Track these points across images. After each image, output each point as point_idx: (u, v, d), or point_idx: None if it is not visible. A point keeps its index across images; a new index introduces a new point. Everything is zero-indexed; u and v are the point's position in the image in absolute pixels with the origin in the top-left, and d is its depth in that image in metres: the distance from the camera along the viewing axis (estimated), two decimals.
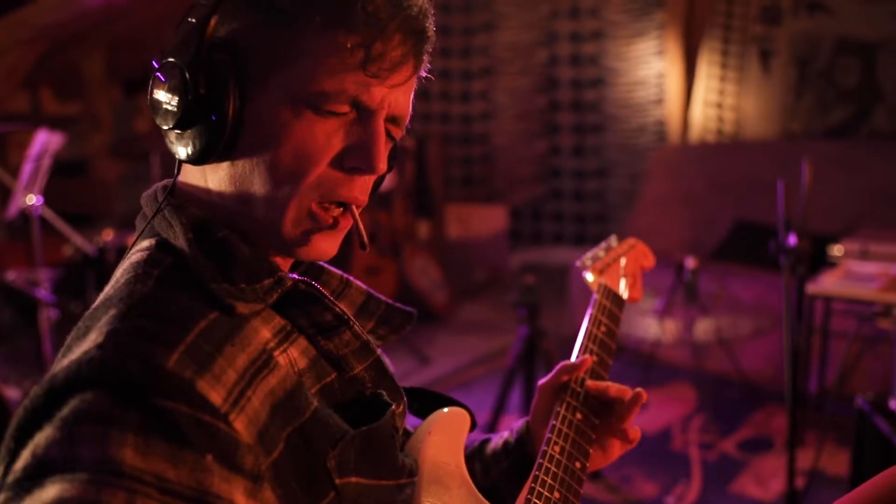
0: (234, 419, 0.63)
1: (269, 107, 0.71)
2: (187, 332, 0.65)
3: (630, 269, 1.30)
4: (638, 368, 3.94)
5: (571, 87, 5.95)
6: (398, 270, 4.98)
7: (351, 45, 0.69)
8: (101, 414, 0.59)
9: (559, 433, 0.96)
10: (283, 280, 0.74)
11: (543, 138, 6.09)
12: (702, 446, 3.19)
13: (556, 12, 5.89)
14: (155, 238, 0.75)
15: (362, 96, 0.72)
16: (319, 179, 0.73)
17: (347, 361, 0.78)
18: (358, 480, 0.73)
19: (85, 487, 0.56)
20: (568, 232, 6.11)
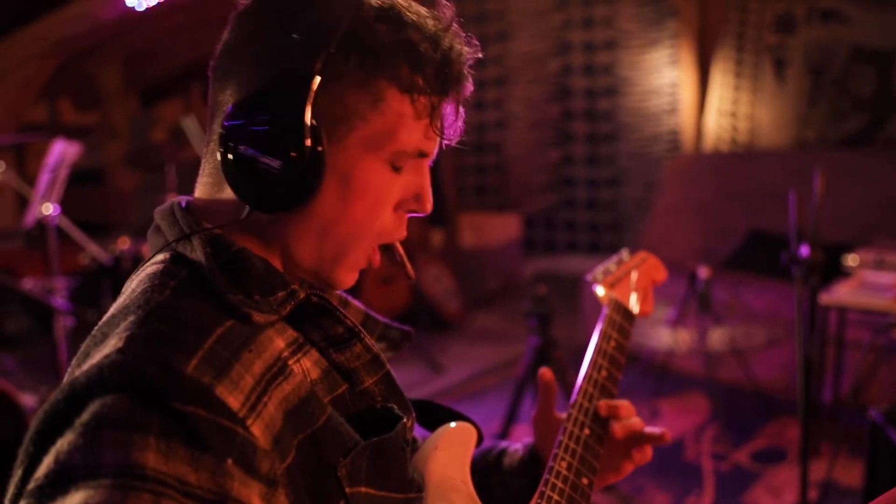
0: (252, 424, 0.65)
1: (350, 161, 0.75)
2: (206, 338, 0.66)
3: (641, 283, 1.30)
4: (651, 378, 3.93)
5: (585, 97, 5.96)
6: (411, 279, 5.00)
7: (426, 106, 0.76)
8: (122, 418, 0.60)
9: (566, 448, 0.96)
10: (296, 293, 0.76)
11: (557, 147, 6.10)
12: (715, 457, 3.18)
13: (569, 22, 5.91)
14: (170, 252, 0.76)
15: (424, 147, 0.78)
16: (383, 225, 0.79)
17: (358, 374, 0.80)
18: (368, 491, 0.74)
19: (110, 493, 0.56)
20: (581, 241, 6.10)
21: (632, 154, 5.84)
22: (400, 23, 0.74)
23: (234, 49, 0.77)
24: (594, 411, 1.03)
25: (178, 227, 0.76)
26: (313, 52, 0.71)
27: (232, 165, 0.72)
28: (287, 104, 0.71)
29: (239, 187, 0.73)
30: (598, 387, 1.07)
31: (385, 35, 0.73)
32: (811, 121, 5.21)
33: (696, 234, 4.88)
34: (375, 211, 0.77)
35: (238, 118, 0.72)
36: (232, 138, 0.72)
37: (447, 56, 0.76)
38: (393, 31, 0.74)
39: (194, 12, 4.46)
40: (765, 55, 5.35)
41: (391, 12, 0.75)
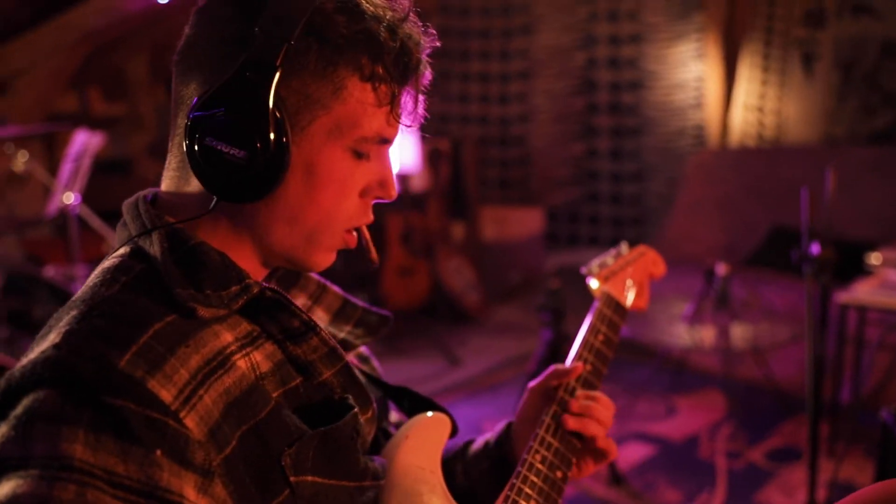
0: (185, 416, 0.67)
1: (314, 150, 0.77)
2: (141, 333, 0.68)
3: (637, 277, 1.30)
4: (667, 374, 3.91)
5: (609, 90, 5.92)
6: (431, 272, 5.01)
7: (386, 93, 0.78)
8: (52, 412, 0.62)
9: (541, 441, 0.97)
10: (250, 287, 0.78)
11: (581, 141, 6.07)
12: (729, 455, 3.16)
13: (594, 15, 5.87)
14: (131, 246, 0.78)
15: (385, 134, 0.81)
16: (350, 211, 0.81)
17: (315, 367, 0.81)
18: (314, 479, 0.75)
19: (37, 483, 0.59)
20: (604, 235, 6.07)
21: (656, 148, 5.80)
22: (358, 14, 0.76)
23: (197, 43, 0.78)
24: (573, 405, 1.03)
25: (140, 221, 0.78)
26: (274, 44, 0.72)
27: (198, 157, 0.74)
28: (250, 96, 0.72)
29: (205, 179, 0.75)
30: (580, 381, 1.08)
31: (344, 26, 0.75)
32: (840, 116, 5.13)
33: (718, 231, 4.83)
34: (341, 198, 0.80)
35: (203, 110, 0.73)
36: (197, 130, 0.73)
37: (405, 45, 0.78)
38: (352, 21, 0.75)
39: None
40: (793, 49, 5.27)
41: (350, 4, 0.76)
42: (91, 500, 0.60)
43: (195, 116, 0.74)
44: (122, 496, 0.62)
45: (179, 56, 0.79)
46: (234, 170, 0.73)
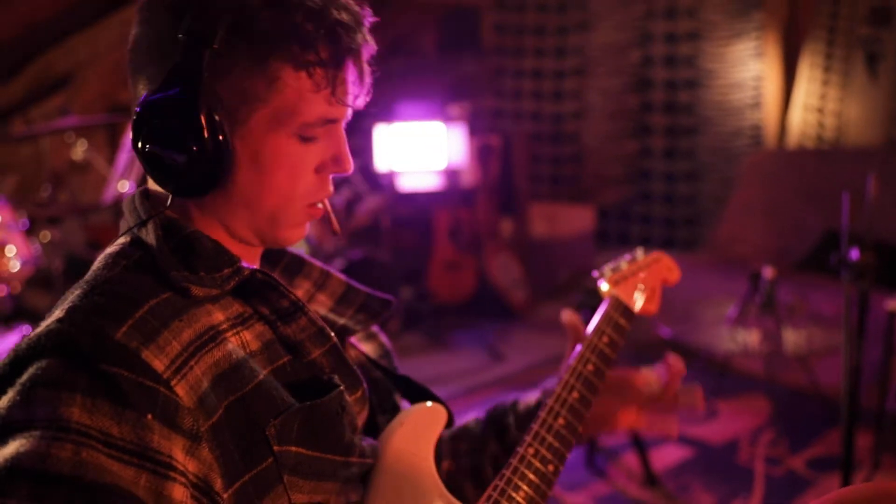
0: (176, 384, 0.72)
1: (257, 140, 0.81)
2: (138, 308, 0.74)
3: (650, 282, 1.32)
4: (711, 376, 3.86)
5: (665, 89, 5.85)
6: (478, 267, 5.04)
7: (323, 77, 0.81)
8: (53, 378, 0.68)
9: (535, 435, 1.00)
10: (241, 270, 0.83)
11: (634, 139, 6.02)
12: (768, 461, 3.11)
13: (651, 12, 5.80)
14: (130, 236, 0.84)
15: (330, 115, 0.84)
16: (307, 189, 0.85)
17: (304, 346, 0.86)
18: (298, 450, 0.80)
19: (38, 442, 0.65)
20: (656, 235, 6.01)
21: (712, 148, 5.71)
22: (285, 6, 0.78)
23: (139, 46, 0.82)
24: (571, 403, 1.05)
25: (136, 213, 0.85)
26: (199, 50, 0.76)
27: (144, 162, 0.80)
28: (181, 102, 0.76)
29: (156, 179, 0.81)
30: (580, 380, 1.10)
31: (270, 20, 0.78)
32: None
33: (770, 233, 4.75)
34: (293, 179, 0.84)
35: (142, 118, 0.78)
36: (139, 138, 0.79)
37: (334, 30, 0.80)
38: (278, 15, 0.78)
39: None
40: (856, 49, 5.13)
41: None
42: (86, 458, 0.66)
43: (135, 123, 0.79)
44: (115, 455, 0.67)
45: (129, 56, 0.84)
46: (178, 170, 0.78)
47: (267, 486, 0.77)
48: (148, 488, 0.68)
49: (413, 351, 4.53)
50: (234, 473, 0.75)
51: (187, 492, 0.71)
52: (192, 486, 0.72)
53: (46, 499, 0.63)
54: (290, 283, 1.03)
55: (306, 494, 0.81)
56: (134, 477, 0.68)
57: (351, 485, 0.87)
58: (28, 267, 2.91)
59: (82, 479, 0.65)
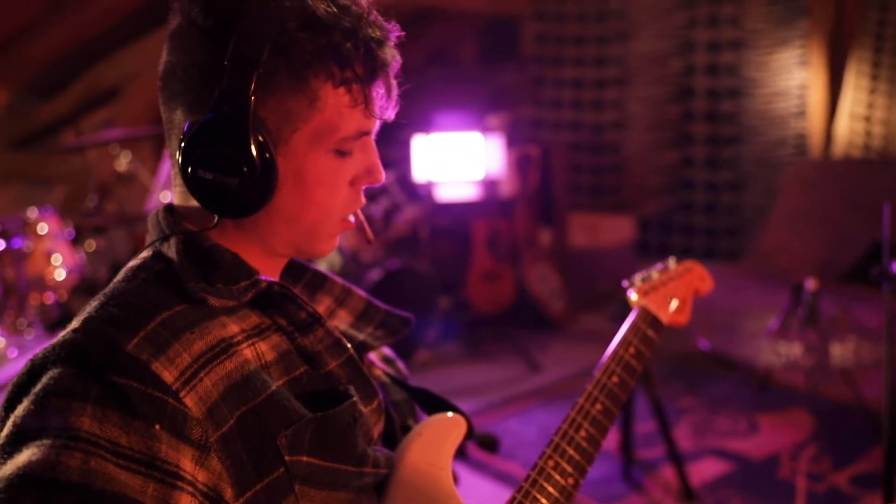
0: (185, 396, 0.74)
1: (299, 158, 0.84)
2: (150, 320, 0.76)
3: (681, 292, 1.31)
4: (751, 389, 3.80)
5: (707, 98, 5.79)
6: (516, 277, 5.03)
7: (358, 94, 0.84)
8: (65, 388, 0.70)
9: (555, 447, 1.00)
10: (258, 282, 0.85)
11: (675, 149, 5.96)
12: (810, 477, 3.05)
13: (693, 21, 5.75)
14: (153, 249, 0.87)
15: (363, 128, 0.87)
16: (343, 202, 0.88)
17: (321, 357, 0.88)
18: (310, 460, 0.81)
19: (48, 451, 0.67)
20: (698, 246, 5.94)
21: (755, 158, 5.63)
22: (320, 27, 0.81)
23: (174, 71, 0.84)
24: (594, 415, 1.05)
25: (159, 228, 0.87)
26: (244, 74, 0.78)
27: (195, 187, 0.81)
28: (231, 127, 0.79)
29: (204, 203, 0.82)
30: (604, 391, 1.10)
31: (309, 42, 0.80)
32: None
33: (815, 244, 4.65)
34: (331, 194, 0.87)
35: (192, 145, 0.80)
36: (189, 163, 0.81)
37: (369, 46, 0.84)
38: (315, 36, 0.81)
39: None
40: None
41: (311, 19, 0.81)
42: (94, 467, 0.68)
43: (185, 149, 0.81)
44: (124, 465, 0.69)
45: (162, 82, 0.86)
46: (228, 194, 0.81)
47: (278, 495, 0.78)
48: (155, 497, 0.70)
49: (450, 361, 4.54)
50: (246, 483, 0.77)
51: (195, 501, 0.73)
52: (201, 495, 0.73)
53: None
54: (311, 299, 1.05)
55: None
56: (142, 486, 0.69)
57: (364, 494, 0.88)
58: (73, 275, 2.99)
59: (91, 487, 0.67)
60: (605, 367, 1.12)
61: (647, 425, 3.29)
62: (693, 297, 1.35)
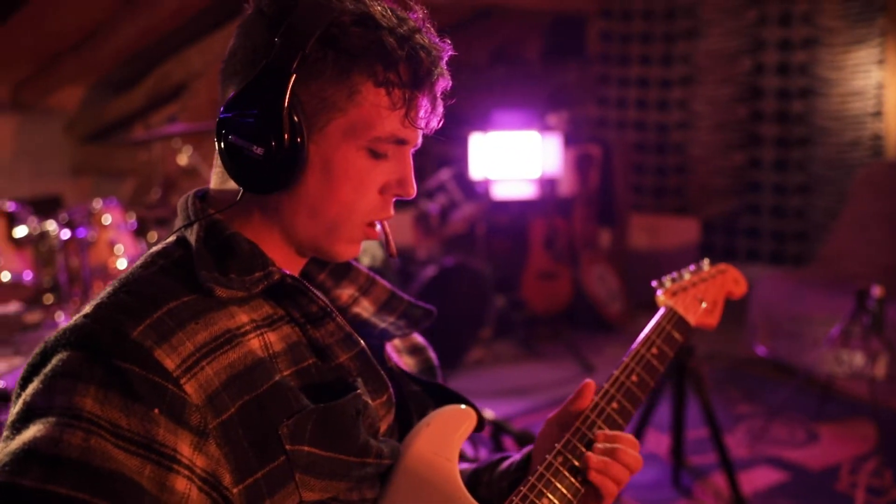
0: (185, 383, 0.76)
1: (331, 148, 0.85)
2: (157, 308, 0.79)
3: (712, 294, 1.29)
4: (811, 397, 3.68)
5: (777, 98, 5.62)
6: (574, 278, 4.98)
7: (400, 98, 0.85)
8: (71, 370, 0.74)
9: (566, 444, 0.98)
10: (272, 273, 0.87)
11: (743, 150, 5.81)
12: (870, 491, 2.93)
13: (764, 18, 5.59)
14: (178, 235, 0.89)
15: (401, 135, 0.88)
16: (369, 205, 0.89)
17: (332, 350, 0.89)
18: (311, 450, 0.82)
19: (53, 428, 0.71)
20: (764, 249, 5.78)
21: (827, 160, 5.44)
22: (374, 25, 0.83)
23: (235, 54, 0.87)
24: (609, 413, 1.03)
25: (185, 213, 0.90)
26: (291, 53, 0.81)
27: (224, 153, 0.84)
28: (267, 98, 0.81)
29: (231, 172, 0.84)
30: (622, 390, 1.08)
31: (359, 37, 0.82)
32: None
33: (884, 250, 4.47)
34: (358, 193, 0.87)
35: (229, 111, 0.83)
36: (224, 129, 0.83)
37: (416, 54, 0.84)
38: (366, 33, 0.82)
39: None
40: None
41: (366, 17, 0.83)
42: (94, 445, 0.71)
43: (222, 118, 0.84)
44: (122, 445, 0.72)
45: (223, 66, 0.90)
46: (255, 164, 0.82)
47: (279, 483, 0.80)
48: (152, 478, 0.73)
49: (504, 360, 4.53)
50: (246, 470, 0.78)
51: (191, 484, 0.75)
52: (199, 479, 0.76)
53: (56, 480, 0.69)
54: (336, 286, 1.06)
55: (317, 492, 0.83)
56: (139, 467, 0.72)
57: (366, 483, 0.89)
58: None
59: (90, 464, 0.70)
60: (625, 366, 1.10)
61: (700, 431, 3.22)
62: (724, 300, 1.32)
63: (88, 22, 4.01)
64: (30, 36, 3.94)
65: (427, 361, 1.15)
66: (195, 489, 0.75)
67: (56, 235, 2.92)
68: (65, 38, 4.12)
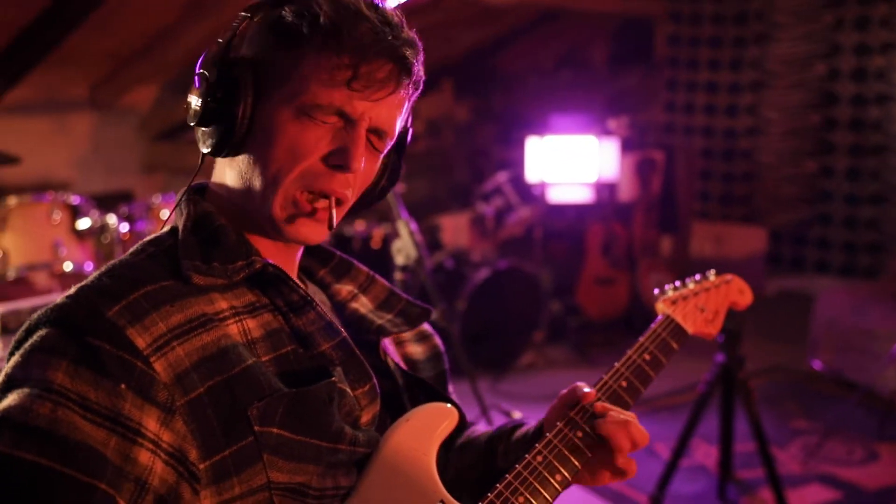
0: (155, 361, 0.80)
1: (272, 112, 0.88)
2: (134, 291, 0.83)
3: (714, 304, 1.30)
4: (873, 415, 3.53)
5: (852, 104, 5.43)
6: (631, 284, 4.91)
7: (340, 65, 0.86)
8: (48, 346, 0.79)
9: (547, 444, 0.99)
10: (253, 263, 0.90)
11: (814, 158, 5.62)
12: None
13: (840, 22, 5.40)
14: (173, 224, 0.95)
15: (346, 108, 0.88)
16: (305, 172, 0.89)
17: (314, 338, 0.92)
18: (280, 432, 0.85)
19: (25, 398, 0.76)
20: (835, 261, 5.58)
21: None
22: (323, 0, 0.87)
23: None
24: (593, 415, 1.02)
25: (181, 205, 0.95)
26: (242, 21, 0.90)
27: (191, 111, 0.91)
28: (214, 60, 0.88)
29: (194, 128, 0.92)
30: (609, 393, 1.07)
31: (304, 5, 0.87)
32: None
33: None
34: (292, 155, 0.89)
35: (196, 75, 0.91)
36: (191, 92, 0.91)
37: (358, 23, 0.87)
38: (311, 4, 0.87)
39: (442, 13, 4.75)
40: None
41: None
42: (61, 416, 0.75)
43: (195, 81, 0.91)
44: (90, 417, 0.76)
45: None
46: (201, 121, 0.89)
47: (246, 462, 0.83)
48: (116, 450, 0.77)
49: (558, 365, 4.49)
50: (213, 447, 0.82)
51: (156, 458, 0.79)
52: (165, 453, 0.80)
53: (23, 446, 0.74)
54: (335, 282, 1.10)
55: (286, 474, 0.85)
56: (104, 438, 0.77)
57: (340, 469, 0.91)
58: None
59: (56, 433, 0.75)
60: (615, 371, 1.10)
61: (751, 444, 3.13)
62: (727, 310, 1.31)
63: (158, 24, 4.17)
64: (103, 39, 4.11)
65: (434, 348, 1.18)
66: (160, 462, 0.79)
67: (116, 228, 3.04)
68: (136, 41, 4.29)
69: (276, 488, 0.85)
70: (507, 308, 4.27)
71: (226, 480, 0.82)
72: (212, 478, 0.82)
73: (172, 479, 0.80)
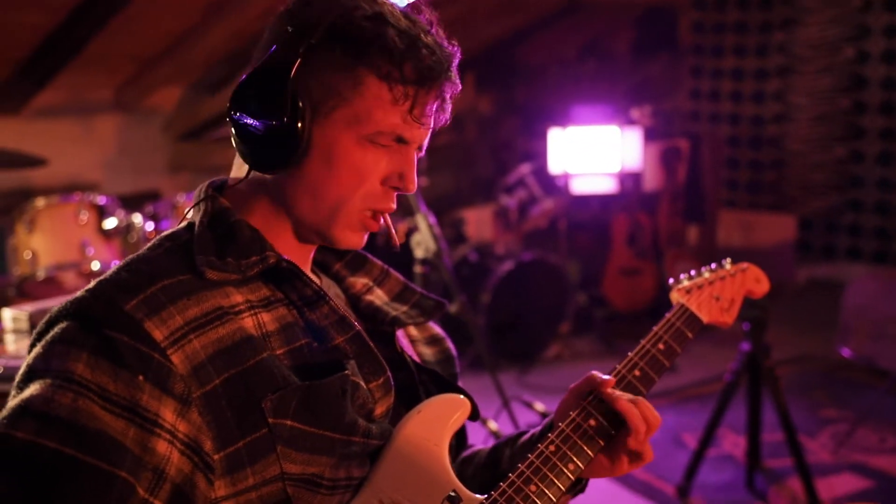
0: (172, 353, 0.82)
1: (333, 134, 0.90)
2: (152, 285, 0.85)
3: (729, 292, 1.29)
4: None
5: (882, 88, 5.33)
6: (658, 274, 4.87)
7: (404, 94, 0.89)
8: (68, 337, 0.81)
9: (560, 433, 0.99)
10: (267, 258, 0.92)
11: (844, 143, 5.53)
12: None
13: (869, 3, 5.30)
14: (189, 220, 0.96)
15: (405, 134, 0.92)
16: (366, 194, 0.92)
17: (328, 332, 0.93)
18: (293, 424, 0.86)
19: (47, 388, 0.78)
20: (867, 248, 5.49)
21: None
22: (382, 22, 0.88)
23: (260, 42, 0.95)
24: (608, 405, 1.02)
25: (197, 199, 0.97)
26: (299, 40, 0.88)
27: (231, 129, 0.91)
28: (272, 79, 0.88)
29: (239, 149, 0.92)
30: (623, 383, 1.07)
31: (368, 31, 0.88)
32: None
33: None
34: (357, 181, 0.91)
35: (239, 91, 0.90)
36: (233, 107, 0.90)
37: (419, 52, 0.89)
38: (375, 28, 0.88)
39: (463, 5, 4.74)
40: None
41: (377, 15, 0.89)
42: (81, 406, 0.78)
43: (233, 96, 0.91)
44: (109, 408, 0.79)
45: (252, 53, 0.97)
46: (258, 141, 0.89)
47: (260, 453, 0.85)
48: (135, 439, 0.79)
49: (584, 357, 4.48)
50: (228, 438, 0.84)
51: (172, 448, 0.81)
52: (181, 443, 0.81)
53: (46, 435, 0.76)
54: (350, 275, 1.12)
55: (299, 465, 0.87)
56: (123, 428, 0.79)
57: (353, 460, 0.92)
58: None
59: (76, 422, 0.77)
60: (628, 361, 1.10)
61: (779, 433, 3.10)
62: (743, 299, 1.29)
63: (180, 26, 4.20)
64: (127, 41, 4.16)
65: (445, 351, 1.18)
66: (176, 452, 0.81)
67: (141, 227, 3.08)
68: (159, 43, 4.33)
69: (289, 479, 0.86)
70: (532, 300, 4.26)
71: (240, 471, 0.84)
72: (226, 468, 0.83)
73: (188, 469, 0.81)
